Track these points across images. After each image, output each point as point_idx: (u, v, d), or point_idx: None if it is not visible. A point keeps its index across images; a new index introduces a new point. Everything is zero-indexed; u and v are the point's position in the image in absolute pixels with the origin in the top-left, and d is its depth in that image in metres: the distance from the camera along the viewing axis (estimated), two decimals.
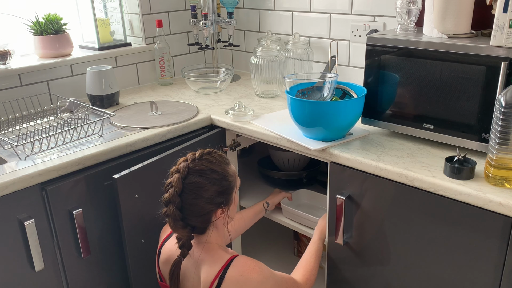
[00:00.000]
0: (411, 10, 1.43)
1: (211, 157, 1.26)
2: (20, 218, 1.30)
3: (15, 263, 1.32)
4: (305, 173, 1.92)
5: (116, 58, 2.11)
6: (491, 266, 1.14)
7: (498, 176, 1.12)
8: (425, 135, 1.37)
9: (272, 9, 2.16)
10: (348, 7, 1.86)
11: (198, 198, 1.22)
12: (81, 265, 1.46)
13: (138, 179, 1.44)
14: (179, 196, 1.21)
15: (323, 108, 1.37)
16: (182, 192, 1.21)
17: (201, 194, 1.22)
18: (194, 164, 1.23)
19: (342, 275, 1.51)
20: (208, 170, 1.23)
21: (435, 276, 1.26)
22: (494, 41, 1.17)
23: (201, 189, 1.22)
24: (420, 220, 1.24)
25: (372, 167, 1.29)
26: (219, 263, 1.23)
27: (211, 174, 1.23)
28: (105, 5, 2.14)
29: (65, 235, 1.40)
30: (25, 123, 1.71)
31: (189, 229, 1.24)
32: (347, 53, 1.92)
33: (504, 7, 1.14)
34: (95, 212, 1.46)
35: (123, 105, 1.90)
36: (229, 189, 1.27)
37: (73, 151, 1.45)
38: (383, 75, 1.41)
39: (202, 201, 1.22)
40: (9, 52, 1.79)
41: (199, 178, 1.22)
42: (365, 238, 1.39)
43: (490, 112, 1.21)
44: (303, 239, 2.05)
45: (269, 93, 1.96)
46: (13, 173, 1.30)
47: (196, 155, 1.26)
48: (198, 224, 1.25)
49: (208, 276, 1.22)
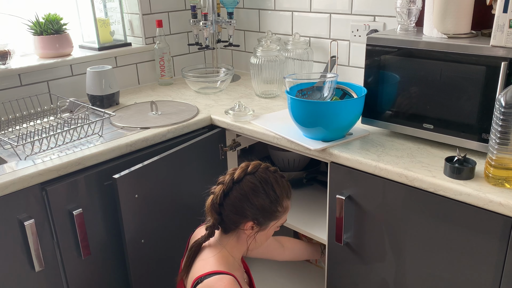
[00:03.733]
0: (411, 10, 1.43)
1: (281, 181, 1.31)
2: (20, 218, 1.30)
3: (15, 263, 1.32)
4: (305, 173, 1.92)
5: (116, 58, 2.11)
6: (491, 266, 1.14)
7: (498, 176, 1.12)
8: (425, 135, 1.37)
9: (272, 9, 2.16)
10: (348, 7, 1.86)
11: (244, 198, 1.26)
12: (81, 265, 1.46)
13: (138, 179, 1.44)
14: (233, 184, 1.26)
15: (323, 108, 1.37)
16: (237, 183, 1.27)
17: (249, 197, 1.26)
18: (265, 172, 1.29)
19: (342, 275, 1.51)
20: (270, 185, 1.28)
21: (435, 276, 1.26)
22: (494, 41, 1.17)
23: (252, 193, 1.26)
24: (420, 220, 1.24)
25: (372, 167, 1.29)
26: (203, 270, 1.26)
27: (270, 189, 1.28)
28: (105, 5, 2.14)
29: (65, 235, 1.40)
30: (25, 123, 1.71)
31: (219, 217, 1.28)
32: (347, 53, 1.92)
33: (504, 7, 1.14)
34: (95, 212, 1.46)
35: (123, 105, 1.90)
36: (273, 214, 1.30)
37: (73, 151, 1.45)
38: (383, 75, 1.41)
39: (245, 203, 1.26)
40: (9, 52, 1.79)
41: (259, 184, 1.27)
42: (365, 238, 1.39)
43: (490, 112, 1.21)
44: (303, 239, 2.05)
45: (269, 93, 1.96)
46: (13, 173, 1.30)
47: (272, 168, 1.32)
48: (227, 220, 1.29)
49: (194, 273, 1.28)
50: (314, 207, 1.79)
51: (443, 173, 1.20)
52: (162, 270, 1.61)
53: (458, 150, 1.23)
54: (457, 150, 1.24)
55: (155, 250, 1.56)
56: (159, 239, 1.56)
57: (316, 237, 1.61)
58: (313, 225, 1.66)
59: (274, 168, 1.33)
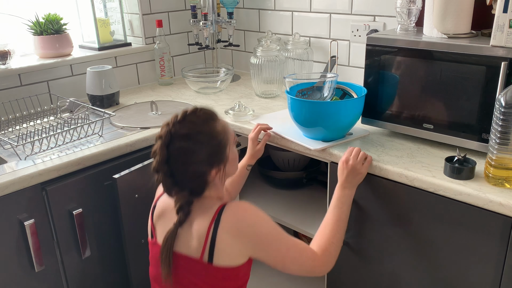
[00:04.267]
0: (411, 10, 1.43)
1: (194, 117, 1.14)
2: (20, 218, 1.30)
3: (15, 263, 1.32)
4: (305, 173, 1.92)
5: (116, 58, 2.11)
6: (491, 266, 1.14)
7: (498, 176, 1.12)
8: (425, 135, 1.37)
9: (272, 9, 2.15)
10: (348, 7, 1.86)
11: (187, 164, 1.12)
12: (81, 265, 1.46)
13: (138, 179, 1.44)
14: (166, 164, 1.11)
15: (323, 108, 1.37)
16: (168, 159, 1.11)
17: (190, 160, 1.11)
18: (177, 128, 1.12)
19: (342, 275, 1.51)
20: (193, 133, 1.12)
21: (435, 276, 1.26)
22: (494, 41, 1.17)
23: (188, 155, 1.11)
24: (420, 220, 1.24)
25: (372, 167, 1.29)
26: (211, 212, 1.12)
27: (196, 136, 1.12)
28: (105, 5, 2.14)
29: (65, 235, 1.40)
30: (25, 123, 1.71)
31: (187, 192, 1.14)
32: (347, 53, 1.92)
33: (504, 7, 1.14)
34: (95, 212, 1.46)
35: (123, 105, 1.90)
36: (220, 147, 1.15)
37: (73, 151, 1.45)
38: (383, 75, 1.41)
39: (192, 166, 1.12)
40: (9, 52, 1.79)
41: (184, 143, 1.11)
42: (365, 238, 1.39)
43: (490, 112, 1.21)
44: (303, 239, 2.05)
45: (269, 93, 1.96)
46: (13, 173, 1.30)
47: (179, 117, 1.14)
48: (194, 187, 1.15)
49: (202, 226, 1.12)
50: (314, 207, 1.79)
51: (443, 173, 1.20)
52: None
53: (458, 150, 1.23)
54: (457, 150, 1.24)
55: None
56: None
57: None
58: (313, 225, 1.66)
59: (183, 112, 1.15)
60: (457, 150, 1.24)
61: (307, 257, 1.16)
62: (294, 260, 1.14)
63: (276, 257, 1.13)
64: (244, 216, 1.12)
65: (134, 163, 1.47)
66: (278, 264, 1.14)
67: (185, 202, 1.14)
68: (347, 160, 1.27)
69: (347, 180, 1.27)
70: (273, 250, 1.13)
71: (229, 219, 1.11)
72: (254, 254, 1.13)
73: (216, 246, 1.10)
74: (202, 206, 1.16)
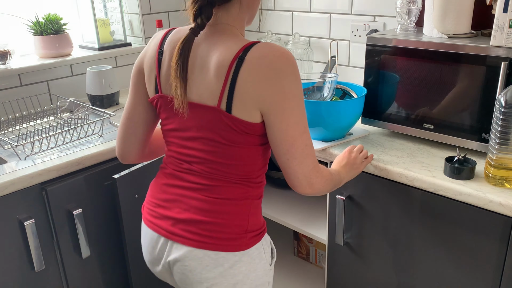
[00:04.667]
0: (411, 10, 1.43)
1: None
2: (20, 218, 1.30)
3: (15, 263, 1.32)
4: None
5: (116, 58, 2.11)
6: (491, 266, 1.14)
7: (498, 176, 1.12)
8: (425, 135, 1.37)
9: (272, 9, 2.15)
10: (348, 7, 1.86)
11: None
12: (81, 265, 1.46)
13: (138, 179, 1.44)
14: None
15: (323, 108, 1.37)
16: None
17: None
18: None
19: (342, 275, 1.51)
20: None
21: (435, 276, 1.26)
22: (494, 41, 1.17)
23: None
24: (420, 220, 1.24)
25: (372, 167, 1.29)
26: (239, 45, 0.95)
27: None
28: (105, 5, 2.14)
29: (65, 235, 1.40)
30: (25, 123, 1.71)
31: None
32: (347, 53, 1.92)
33: (504, 7, 1.14)
34: (95, 212, 1.46)
35: (123, 105, 1.90)
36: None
37: (73, 151, 1.45)
38: (383, 75, 1.41)
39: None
40: (9, 52, 1.79)
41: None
42: (365, 238, 1.39)
43: (490, 112, 1.21)
44: (303, 239, 2.05)
45: None
46: (13, 173, 1.30)
47: None
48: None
49: (226, 57, 0.94)
50: (314, 207, 1.79)
51: (443, 173, 1.20)
52: None
53: (458, 150, 1.23)
54: (457, 150, 1.24)
55: None
56: None
57: (316, 237, 1.61)
58: (313, 225, 1.66)
59: None
60: (457, 150, 1.24)
61: (314, 157, 1.00)
62: (304, 151, 0.97)
63: (288, 131, 0.96)
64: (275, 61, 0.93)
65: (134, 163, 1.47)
66: (285, 143, 0.96)
67: (207, 2, 0.97)
68: (351, 151, 1.24)
69: (345, 169, 1.19)
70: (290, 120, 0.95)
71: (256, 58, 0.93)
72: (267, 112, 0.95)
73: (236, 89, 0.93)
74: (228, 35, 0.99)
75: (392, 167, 1.25)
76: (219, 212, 1.01)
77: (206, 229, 1.00)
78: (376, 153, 1.34)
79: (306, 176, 0.99)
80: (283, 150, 0.97)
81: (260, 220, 1.07)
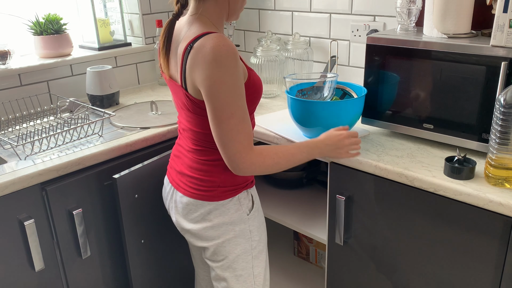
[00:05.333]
0: (411, 10, 1.43)
1: None
2: (20, 218, 1.30)
3: (15, 263, 1.32)
4: (305, 173, 1.92)
5: (116, 58, 2.11)
6: (491, 266, 1.14)
7: (498, 176, 1.12)
8: (425, 135, 1.37)
9: (272, 9, 2.16)
10: (348, 7, 1.86)
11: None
12: (81, 265, 1.46)
13: (138, 179, 1.44)
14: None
15: (323, 108, 1.37)
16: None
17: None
18: None
19: (342, 275, 1.51)
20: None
21: (435, 276, 1.26)
22: (494, 41, 1.17)
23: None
24: (420, 220, 1.24)
25: (372, 167, 1.29)
26: (197, 34, 1.10)
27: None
28: (105, 5, 2.14)
29: (65, 235, 1.40)
30: (25, 123, 1.71)
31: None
32: (347, 53, 1.92)
33: (504, 7, 1.14)
34: (95, 212, 1.46)
35: (123, 105, 1.90)
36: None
37: (73, 151, 1.45)
38: (383, 75, 1.41)
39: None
40: (9, 52, 1.79)
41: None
42: (365, 238, 1.39)
43: (490, 112, 1.21)
44: (303, 239, 2.05)
45: (269, 93, 1.96)
46: (13, 173, 1.30)
47: None
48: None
49: (185, 43, 1.11)
50: (314, 207, 1.79)
51: (443, 173, 1.20)
52: (162, 270, 1.61)
53: (458, 150, 1.23)
54: (457, 150, 1.24)
55: (155, 250, 1.56)
56: (159, 239, 1.56)
57: (316, 237, 1.61)
58: (313, 225, 1.66)
59: None
60: (457, 150, 1.24)
61: (241, 142, 1.07)
62: (228, 134, 1.07)
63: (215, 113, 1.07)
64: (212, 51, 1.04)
65: (134, 163, 1.47)
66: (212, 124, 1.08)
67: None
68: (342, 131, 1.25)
69: (326, 143, 1.21)
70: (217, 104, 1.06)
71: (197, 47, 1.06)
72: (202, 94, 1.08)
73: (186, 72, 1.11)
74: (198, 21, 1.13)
75: (392, 167, 1.25)
76: (199, 170, 1.23)
77: (191, 181, 1.24)
78: (376, 153, 1.34)
79: (230, 158, 1.10)
80: (212, 130, 1.11)
81: (235, 180, 1.23)
